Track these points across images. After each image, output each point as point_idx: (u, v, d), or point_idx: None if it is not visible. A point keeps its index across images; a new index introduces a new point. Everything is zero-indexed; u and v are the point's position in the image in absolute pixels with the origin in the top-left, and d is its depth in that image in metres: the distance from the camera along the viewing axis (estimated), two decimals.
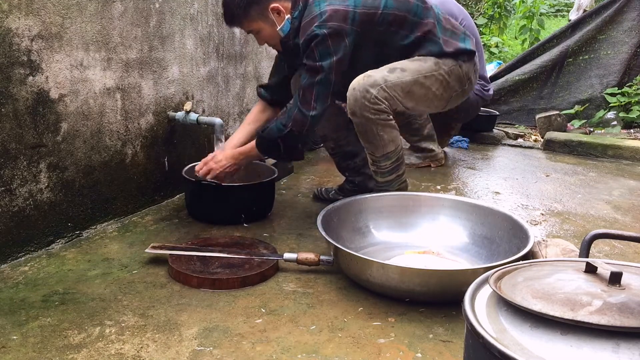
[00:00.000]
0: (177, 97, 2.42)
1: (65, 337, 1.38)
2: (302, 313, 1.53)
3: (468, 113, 3.29)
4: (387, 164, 2.01)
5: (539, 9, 7.20)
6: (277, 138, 1.93)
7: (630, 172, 3.25)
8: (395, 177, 2.06)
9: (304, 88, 1.87)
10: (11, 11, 1.66)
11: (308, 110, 1.87)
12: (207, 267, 1.72)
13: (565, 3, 10.70)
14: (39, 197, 1.84)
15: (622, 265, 1.01)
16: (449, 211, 2.00)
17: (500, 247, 1.81)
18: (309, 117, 1.88)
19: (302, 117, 1.88)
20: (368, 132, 1.95)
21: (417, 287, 1.54)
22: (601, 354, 0.77)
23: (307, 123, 1.89)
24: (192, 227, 2.15)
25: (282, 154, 1.99)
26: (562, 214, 2.45)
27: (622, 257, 2.00)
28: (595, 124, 4.41)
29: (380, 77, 1.91)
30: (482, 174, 3.10)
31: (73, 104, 1.92)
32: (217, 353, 1.33)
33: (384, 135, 1.95)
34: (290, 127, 1.90)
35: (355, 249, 1.81)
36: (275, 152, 1.99)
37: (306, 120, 1.88)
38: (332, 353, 1.34)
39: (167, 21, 2.30)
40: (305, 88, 1.87)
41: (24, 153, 1.77)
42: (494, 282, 0.95)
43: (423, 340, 1.41)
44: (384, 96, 1.90)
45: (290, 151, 1.98)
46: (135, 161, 2.24)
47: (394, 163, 2.02)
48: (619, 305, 0.80)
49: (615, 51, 4.51)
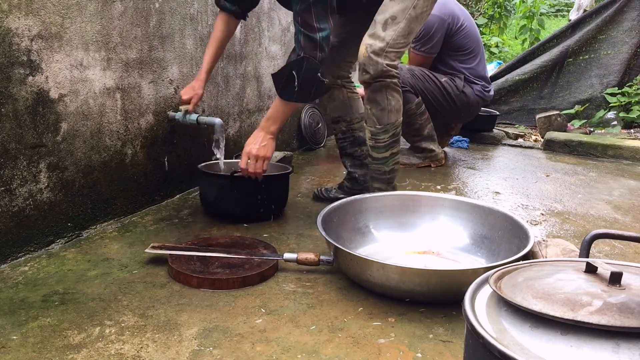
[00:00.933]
0: (177, 97, 2.42)
1: (65, 337, 1.38)
2: (302, 313, 1.53)
3: (468, 113, 3.29)
4: (385, 138, 2.04)
5: (539, 9, 7.20)
6: (291, 70, 1.83)
7: (631, 172, 3.25)
8: (390, 154, 2.09)
9: (301, 13, 1.79)
10: (11, 11, 1.66)
11: (314, 33, 1.79)
12: (207, 267, 1.72)
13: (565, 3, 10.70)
14: (39, 197, 1.84)
15: (622, 265, 1.01)
16: (449, 211, 2.00)
17: (500, 247, 1.81)
18: (318, 39, 1.80)
19: (310, 41, 1.80)
20: (379, 99, 2.01)
21: (417, 287, 1.54)
22: (601, 354, 0.76)
23: (317, 45, 1.80)
24: (192, 227, 2.15)
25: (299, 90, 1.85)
26: (562, 214, 2.45)
27: (622, 257, 2.00)
28: (595, 124, 4.41)
29: (381, 42, 1.95)
30: (482, 174, 3.10)
31: (73, 104, 1.92)
32: (217, 353, 1.33)
33: (392, 100, 2.02)
34: (302, 54, 1.80)
35: (355, 249, 1.81)
36: (292, 89, 1.86)
37: (315, 43, 1.80)
38: (332, 353, 1.34)
39: (167, 21, 2.30)
40: (303, 12, 1.79)
41: (24, 153, 1.77)
42: (494, 282, 0.95)
43: (423, 340, 1.41)
44: (392, 60, 1.97)
45: (308, 85, 1.85)
46: (135, 161, 2.24)
47: (391, 137, 2.06)
48: (619, 305, 0.80)
49: (615, 51, 4.51)
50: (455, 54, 3.15)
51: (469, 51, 3.15)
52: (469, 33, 3.14)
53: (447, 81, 3.12)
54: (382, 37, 1.95)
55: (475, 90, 3.16)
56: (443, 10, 3.06)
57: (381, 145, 2.05)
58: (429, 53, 3.10)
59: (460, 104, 3.16)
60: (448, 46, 3.12)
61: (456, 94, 3.13)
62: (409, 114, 3.10)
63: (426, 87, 3.09)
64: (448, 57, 3.15)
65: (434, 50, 3.09)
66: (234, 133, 2.90)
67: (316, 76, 1.84)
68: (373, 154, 2.09)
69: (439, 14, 3.04)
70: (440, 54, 3.13)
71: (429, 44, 3.07)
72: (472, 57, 3.17)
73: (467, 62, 3.16)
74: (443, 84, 3.11)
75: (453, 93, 3.12)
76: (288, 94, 1.87)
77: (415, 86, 3.06)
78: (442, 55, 3.14)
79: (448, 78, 3.13)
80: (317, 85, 1.86)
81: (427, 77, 3.10)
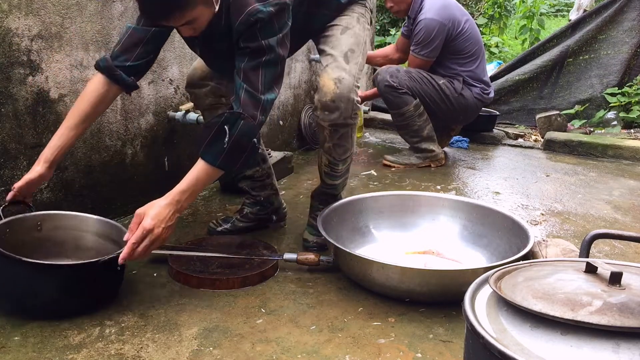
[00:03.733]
0: (177, 97, 2.42)
1: (65, 337, 1.38)
2: (302, 313, 1.53)
3: (467, 116, 3.29)
4: (342, 168, 1.93)
5: (539, 9, 7.19)
6: (223, 124, 1.52)
7: (631, 172, 3.25)
8: (343, 179, 2.00)
9: (247, 70, 1.55)
10: (11, 11, 1.66)
11: (257, 93, 1.55)
12: (207, 267, 1.72)
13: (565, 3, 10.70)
14: (39, 197, 1.83)
15: (622, 265, 1.01)
16: (449, 211, 2.00)
17: (500, 247, 1.81)
18: (262, 100, 1.55)
19: (253, 99, 1.54)
20: (344, 143, 1.85)
21: (417, 287, 1.54)
22: (601, 354, 0.77)
23: (260, 107, 1.55)
24: (192, 227, 2.15)
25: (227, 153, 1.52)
26: (562, 214, 2.45)
27: (622, 257, 2.00)
28: (595, 124, 4.40)
29: (349, 75, 1.76)
30: (482, 174, 3.10)
31: (73, 103, 1.91)
32: (217, 353, 1.33)
33: (354, 139, 1.89)
34: (241, 112, 1.52)
35: (355, 249, 1.81)
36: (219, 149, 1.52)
37: (259, 103, 1.55)
38: (332, 353, 1.34)
39: None
40: (249, 70, 1.55)
41: (24, 153, 1.77)
42: (494, 282, 0.95)
43: (423, 341, 1.41)
44: (357, 96, 1.79)
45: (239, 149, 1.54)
46: (135, 161, 2.24)
47: (347, 167, 1.97)
48: (619, 306, 0.80)
49: (615, 51, 4.51)
50: (455, 57, 3.14)
51: (469, 54, 3.15)
52: (470, 36, 3.14)
53: (446, 83, 3.12)
54: (347, 69, 1.76)
55: (474, 93, 3.16)
56: (443, 14, 3.05)
57: (337, 174, 1.95)
58: (428, 57, 3.10)
59: (459, 107, 3.16)
60: (447, 50, 3.11)
61: (454, 96, 3.12)
62: (406, 116, 3.10)
63: (424, 90, 3.08)
64: (447, 60, 3.15)
65: (433, 55, 3.09)
66: None
67: (250, 141, 1.55)
68: (326, 180, 1.97)
69: (440, 19, 3.03)
70: (440, 57, 3.13)
71: (429, 48, 3.07)
72: (472, 60, 3.17)
73: (466, 65, 3.16)
74: (441, 87, 3.11)
75: (451, 95, 3.12)
76: (212, 155, 1.52)
77: (413, 88, 3.06)
78: (441, 59, 3.14)
79: (446, 80, 3.13)
80: (249, 152, 1.57)
81: (424, 79, 3.10)
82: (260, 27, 1.52)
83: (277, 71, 1.59)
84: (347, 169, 1.99)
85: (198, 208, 2.35)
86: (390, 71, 3.07)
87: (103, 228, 1.69)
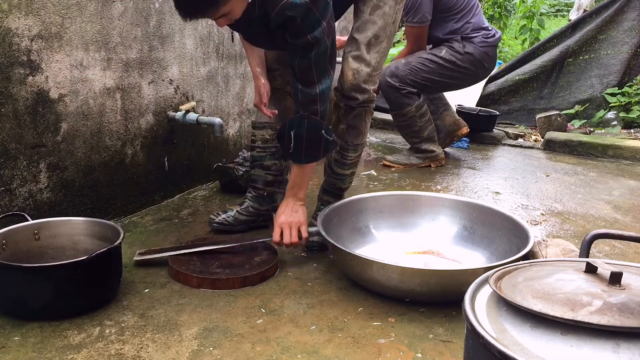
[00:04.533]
0: (177, 97, 2.42)
1: (65, 337, 1.38)
2: (302, 313, 1.53)
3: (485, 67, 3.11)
4: (352, 156, 1.98)
5: (539, 9, 7.19)
6: (289, 130, 1.71)
7: (631, 172, 3.25)
8: (350, 172, 2.03)
9: (300, 69, 1.67)
10: (11, 11, 1.66)
11: (312, 88, 1.67)
12: (207, 267, 1.72)
13: (565, 3, 10.69)
14: (39, 197, 1.84)
15: (622, 265, 1.01)
16: (449, 211, 2.00)
17: (500, 247, 1.81)
18: (317, 92, 1.68)
19: (308, 97, 1.69)
20: (357, 124, 1.94)
21: (417, 287, 1.54)
22: (601, 354, 0.77)
23: (317, 99, 1.68)
24: (192, 227, 2.15)
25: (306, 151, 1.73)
26: (562, 214, 2.45)
27: (622, 257, 2.00)
28: (595, 124, 4.40)
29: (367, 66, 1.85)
30: (482, 174, 3.10)
31: (73, 104, 1.92)
32: (217, 353, 1.33)
33: (367, 123, 1.97)
34: (301, 112, 1.69)
35: (355, 249, 1.81)
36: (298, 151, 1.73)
37: (315, 97, 1.68)
38: (332, 353, 1.34)
39: (167, 21, 2.30)
40: (302, 69, 1.66)
41: (24, 153, 1.77)
42: (494, 282, 0.95)
43: (423, 340, 1.41)
44: (375, 84, 1.92)
45: (313, 144, 1.72)
46: (135, 161, 2.24)
47: (357, 157, 2.02)
48: (619, 305, 0.80)
49: (615, 51, 4.51)
50: (448, 15, 3.07)
51: (460, 8, 3.07)
52: None
53: (448, 51, 3.05)
54: (367, 60, 1.85)
55: (478, 43, 3.07)
56: None
57: (346, 162, 1.99)
58: (422, 22, 3.04)
59: (471, 65, 3.07)
60: (438, 10, 3.04)
61: (461, 58, 3.05)
62: (408, 116, 3.08)
63: (428, 74, 3.03)
64: (442, 21, 3.08)
65: (425, 19, 3.03)
66: (234, 133, 2.90)
67: (319, 134, 1.71)
68: (335, 168, 2.01)
69: None
70: (433, 20, 3.06)
71: (419, 14, 3.01)
72: (466, 12, 3.09)
73: (461, 19, 3.07)
74: (444, 58, 3.04)
75: (458, 60, 3.05)
76: (296, 156, 1.75)
77: (416, 80, 3.01)
78: (436, 22, 3.06)
79: (446, 48, 3.05)
80: (324, 143, 1.74)
81: (425, 62, 3.03)
82: (301, 21, 1.58)
83: (327, 59, 1.68)
84: (356, 162, 2.02)
85: (198, 208, 2.35)
86: (390, 71, 3.05)
87: (99, 229, 1.69)
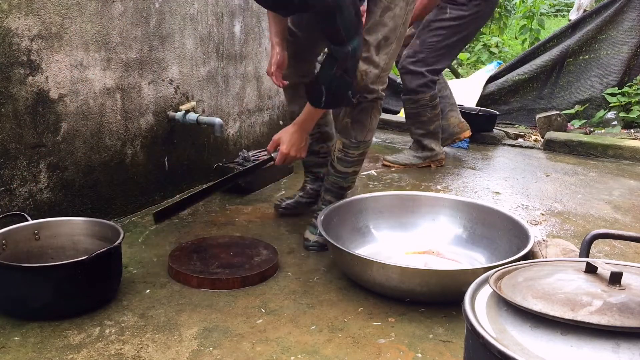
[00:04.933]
0: (177, 97, 2.42)
1: (65, 337, 1.38)
2: (302, 313, 1.53)
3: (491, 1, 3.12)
4: (355, 154, 1.99)
5: (539, 9, 7.19)
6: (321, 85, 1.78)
7: (631, 172, 3.25)
8: (352, 171, 2.03)
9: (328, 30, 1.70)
10: (11, 11, 1.66)
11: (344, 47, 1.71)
12: (207, 267, 1.72)
13: (565, 3, 10.69)
14: (39, 197, 1.84)
15: (622, 265, 1.01)
16: (449, 211, 2.00)
17: (500, 247, 1.81)
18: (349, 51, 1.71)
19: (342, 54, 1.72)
20: (363, 119, 1.96)
21: (417, 287, 1.54)
22: (601, 354, 0.77)
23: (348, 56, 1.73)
24: (192, 227, 2.15)
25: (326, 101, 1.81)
26: (562, 214, 2.45)
27: (622, 257, 2.00)
28: (595, 124, 4.40)
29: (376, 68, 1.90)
30: (482, 174, 3.10)
31: (73, 104, 1.92)
32: (217, 353, 1.33)
33: (373, 120, 1.99)
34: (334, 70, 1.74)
35: (355, 249, 1.81)
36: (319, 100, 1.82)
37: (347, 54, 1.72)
38: (332, 353, 1.34)
39: (167, 21, 2.30)
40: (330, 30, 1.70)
41: (24, 153, 1.77)
42: (494, 282, 0.95)
43: (423, 340, 1.41)
44: (384, 83, 1.95)
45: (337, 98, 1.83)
46: (135, 161, 2.24)
47: (360, 155, 2.02)
48: (619, 306, 0.80)
49: (615, 51, 4.51)
50: None
51: None
52: None
53: (451, 9, 2.99)
54: (376, 62, 1.90)
55: None
56: None
57: (349, 159, 1.99)
58: None
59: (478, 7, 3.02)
60: None
61: (466, 8, 2.98)
62: (421, 103, 3.05)
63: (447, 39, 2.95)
64: None
65: None
66: (234, 133, 2.90)
67: (346, 93, 1.81)
68: (337, 166, 2.02)
69: None
70: None
71: None
72: None
73: None
74: (452, 17, 2.97)
75: (464, 11, 2.98)
76: (317, 103, 1.84)
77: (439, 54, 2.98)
78: None
79: (449, 6, 3.00)
80: (346, 101, 1.86)
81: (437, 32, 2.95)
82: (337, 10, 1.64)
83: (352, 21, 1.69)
84: (359, 161, 2.03)
85: (198, 208, 2.35)
86: (409, 60, 3.03)
87: (99, 229, 1.69)
